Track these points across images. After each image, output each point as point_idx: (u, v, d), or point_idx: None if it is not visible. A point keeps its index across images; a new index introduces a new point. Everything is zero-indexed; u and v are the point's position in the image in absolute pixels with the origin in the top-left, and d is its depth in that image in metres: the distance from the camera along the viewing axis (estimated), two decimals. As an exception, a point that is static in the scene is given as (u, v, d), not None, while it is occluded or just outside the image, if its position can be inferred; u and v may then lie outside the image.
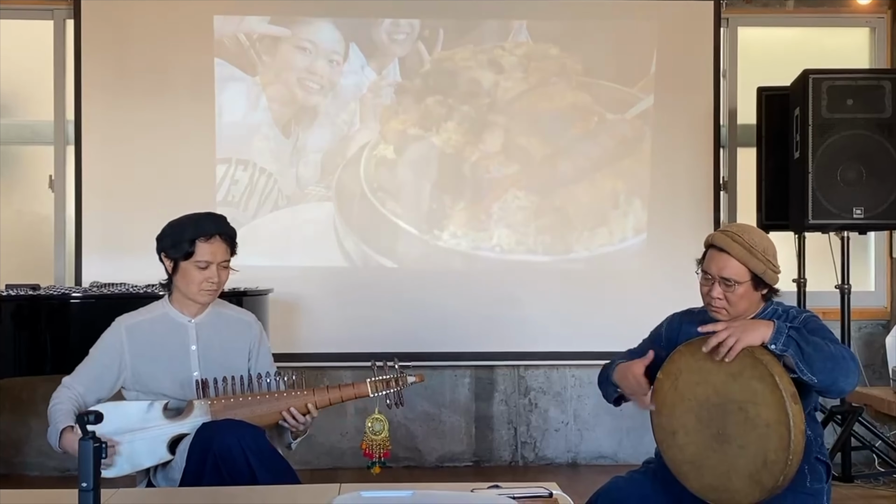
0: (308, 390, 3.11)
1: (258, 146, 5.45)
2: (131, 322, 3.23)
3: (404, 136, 5.49)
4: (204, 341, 3.23)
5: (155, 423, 3.02)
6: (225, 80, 5.44)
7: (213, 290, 3.18)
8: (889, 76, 4.90)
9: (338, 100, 5.48)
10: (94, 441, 2.17)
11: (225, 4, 5.46)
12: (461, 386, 5.57)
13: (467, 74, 5.53)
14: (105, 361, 3.17)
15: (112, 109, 5.38)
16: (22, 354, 4.08)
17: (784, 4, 5.73)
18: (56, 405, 3.07)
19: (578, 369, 5.53)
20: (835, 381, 2.58)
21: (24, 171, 5.66)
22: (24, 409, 5.28)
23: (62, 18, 5.49)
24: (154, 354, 3.18)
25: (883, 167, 4.78)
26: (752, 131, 5.42)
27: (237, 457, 2.85)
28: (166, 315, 3.25)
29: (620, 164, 5.54)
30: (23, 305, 4.09)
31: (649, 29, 5.56)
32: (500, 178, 5.50)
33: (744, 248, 2.71)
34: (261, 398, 3.07)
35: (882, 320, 5.73)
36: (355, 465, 5.35)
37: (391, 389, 3.12)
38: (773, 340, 2.57)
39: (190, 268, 3.15)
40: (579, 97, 5.54)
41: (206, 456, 2.87)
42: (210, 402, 3.03)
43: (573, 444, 5.60)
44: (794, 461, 2.51)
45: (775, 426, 2.51)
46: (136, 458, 2.98)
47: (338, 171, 5.46)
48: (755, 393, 2.55)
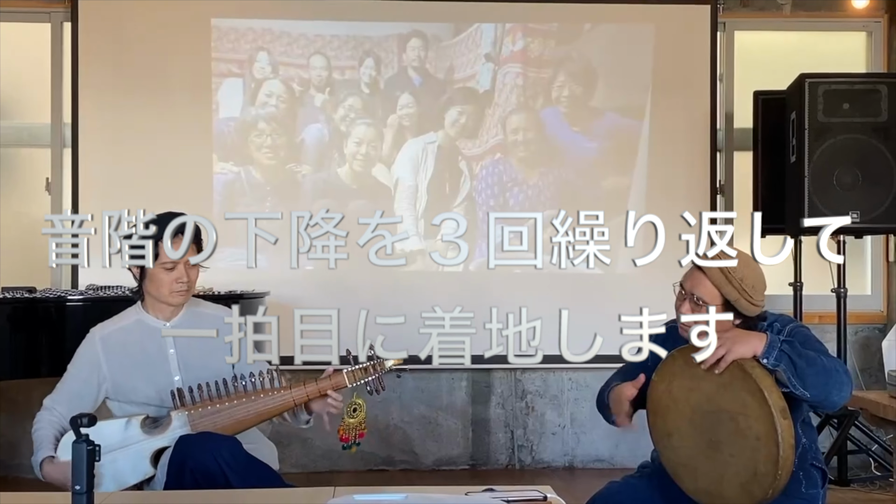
0: (286, 387, 3.08)
1: (256, 148, 5.45)
2: (105, 332, 3.19)
3: (399, 137, 5.49)
4: (182, 344, 3.18)
5: (135, 439, 2.98)
6: (222, 83, 5.45)
7: (183, 290, 3.14)
8: (885, 80, 4.91)
9: (335, 97, 5.48)
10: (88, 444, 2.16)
11: (222, 7, 5.46)
12: (458, 389, 5.57)
13: (463, 77, 5.53)
14: (83, 376, 3.14)
15: (109, 112, 5.38)
16: (18, 357, 4.07)
17: (781, 9, 5.73)
18: (37, 430, 3.05)
19: (575, 372, 5.54)
20: (827, 395, 2.56)
21: (21, 174, 5.65)
22: (20, 411, 5.27)
23: (59, 21, 5.49)
24: (132, 363, 3.14)
25: (879, 171, 4.79)
26: (749, 135, 5.43)
27: (214, 471, 2.82)
28: (140, 321, 3.20)
29: (617, 167, 5.55)
30: (19, 308, 4.09)
31: (646, 33, 5.57)
32: (496, 181, 5.51)
33: (721, 272, 2.70)
34: (238, 402, 3.02)
35: (878, 324, 5.73)
36: (352, 469, 5.35)
37: (370, 376, 3.09)
38: (765, 354, 2.56)
39: (157, 271, 3.10)
40: (576, 101, 5.55)
41: (183, 471, 2.84)
42: (188, 411, 2.99)
43: (570, 447, 5.60)
44: (784, 475, 2.52)
45: (765, 440, 2.51)
46: (121, 477, 2.95)
47: (333, 167, 5.46)
48: (745, 405, 2.55)
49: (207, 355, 3.16)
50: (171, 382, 3.12)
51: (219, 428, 2.98)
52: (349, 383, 3.07)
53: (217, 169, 5.44)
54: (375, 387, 3.09)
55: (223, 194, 5.43)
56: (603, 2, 5.57)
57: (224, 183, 5.44)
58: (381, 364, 3.07)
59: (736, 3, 5.72)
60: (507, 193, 5.52)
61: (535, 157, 5.55)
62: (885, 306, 5.77)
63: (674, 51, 5.56)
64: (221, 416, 2.99)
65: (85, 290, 4.57)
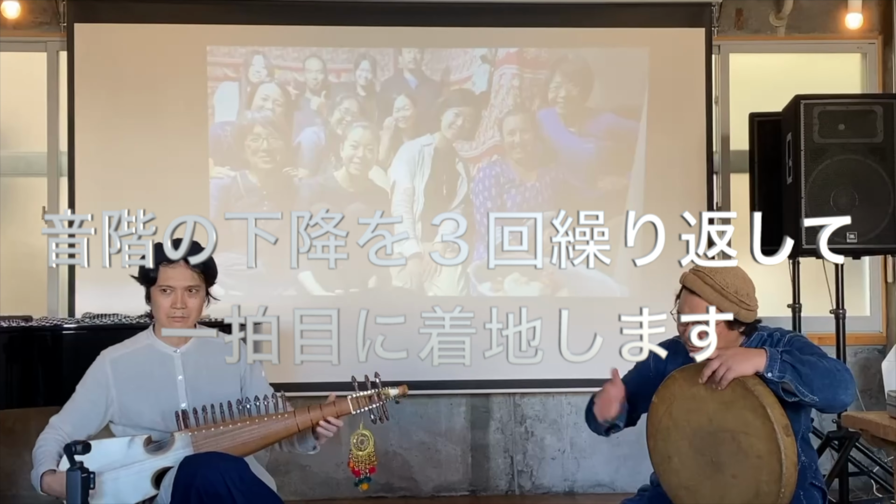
0: (290, 412, 3.09)
1: (252, 152, 5.44)
2: (116, 355, 3.20)
3: (395, 140, 5.51)
4: (191, 371, 3.20)
5: (137, 458, 2.99)
6: (217, 87, 5.45)
7: (180, 317, 3.13)
8: (880, 101, 4.92)
9: (331, 100, 5.48)
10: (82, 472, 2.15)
11: (218, 35, 5.47)
12: (457, 415, 5.55)
13: (459, 79, 5.54)
14: (91, 397, 3.14)
15: (105, 141, 5.38)
16: (14, 386, 4.05)
17: (775, 31, 5.76)
18: (40, 447, 3.04)
19: (574, 396, 5.51)
20: (835, 395, 2.57)
21: (18, 203, 5.65)
22: (17, 441, 5.24)
23: (55, 50, 5.50)
24: (140, 386, 3.15)
25: (875, 191, 4.79)
26: (745, 157, 5.43)
27: (221, 492, 2.81)
28: (151, 346, 3.22)
29: (614, 189, 5.54)
30: (15, 337, 4.07)
31: (641, 56, 5.58)
32: (493, 183, 5.51)
33: (714, 290, 2.71)
34: (242, 425, 3.03)
35: (878, 345, 5.72)
36: (350, 496, 5.32)
37: (374, 404, 3.09)
38: (768, 368, 2.56)
39: (156, 293, 3.13)
40: (571, 124, 5.55)
41: (189, 491, 2.83)
42: (191, 433, 3.00)
43: (570, 472, 5.57)
44: (787, 493, 2.50)
45: (767, 458, 2.50)
46: (122, 496, 2.95)
47: (329, 170, 5.46)
48: (747, 423, 2.55)
49: (215, 383, 3.19)
50: (178, 409, 3.12)
51: (222, 450, 2.98)
52: (353, 410, 3.09)
53: (213, 173, 5.42)
54: (379, 415, 3.10)
55: (219, 199, 5.41)
56: (597, 26, 5.58)
57: (220, 187, 5.42)
58: (385, 392, 3.08)
59: (730, 26, 5.74)
60: (505, 195, 5.52)
61: (532, 159, 5.54)
62: (884, 327, 5.76)
63: (669, 74, 5.57)
64: (225, 439, 3.00)
65: (81, 318, 4.56)
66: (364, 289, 5.38)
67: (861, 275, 5.80)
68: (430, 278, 5.45)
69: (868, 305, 5.82)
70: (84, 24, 5.38)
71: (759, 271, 5.57)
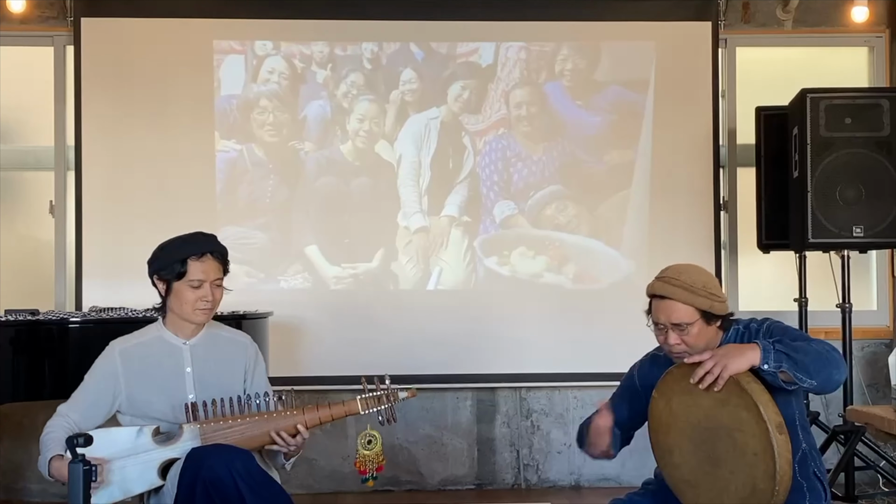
0: (298, 410, 3.10)
1: (258, 125, 5.44)
2: (125, 346, 3.22)
3: (401, 113, 5.50)
4: (199, 363, 3.21)
5: (145, 448, 3.00)
6: (223, 60, 5.46)
7: (207, 308, 3.17)
8: (887, 95, 4.91)
9: (337, 73, 5.48)
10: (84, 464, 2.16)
11: (225, 29, 5.48)
12: (463, 409, 5.55)
13: (465, 52, 5.53)
14: (100, 387, 3.16)
15: (112, 135, 5.39)
16: (21, 379, 4.06)
17: (782, 24, 5.75)
18: (49, 434, 3.06)
19: (580, 391, 5.51)
20: (830, 376, 2.59)
21: (25, 197, 5.67)
22: (24, 434, 5.26)
23: (62, 45, 5.51)
24: (149, 378, 3.17)
25: (882, 185, 4.78)
26: (752, 151, 5.42)
27: (227, 483, 2.82)
28: (160, 338, 3.23)
29: (620, 184, 5.54)
30: (22, 330, 4.08)
31: (648, 50, 5.57)
32: (500, 156, 5.51)
33: (684, 289, 2.71)
34: (251, 420, 3.05)
35: (885, 339, 5.71)
36: (357, 490, 5.33)
37: (383, 406, 3.10)
38: (764, 360, 2.56)
39: (183, 288, 3.13)
40: (577, 118, 5.55)
41: (195, 482, 2.84)
42: (200, 425, 3.01)
43: (576, 466, 5.57)
44: (781, 491, 2.51)
45: (762, 455, 2.51)
46: (128, 485, 2.97)
47: (335, 144, 5.46)
48: (742, 421, 2.55)
49: (223, 376, 3.22)
50: (186, 400, 3.14)
51: (229, 444, 2.99)
52: (362, 410, 3.10)
53: (219, 147, 5.43)
54: (388, 416, 3.11)
55: (225, 172, 5.42)
56: (603, 20, 5.58)
57: (226, 161, 5.43)
58: (394, 394, 3.09)
59: (737, 20, 5.73)
60: (511, 168, 5.51)
61: (539, 132, 5.54)
62: (891, 321, 5.75)
63: (675, 67, 5.56)
64: (233, 433, 3.02)
65: (88, 311, 4.57)
66: (370, 263, 5.40)
67: (868, 269, 5.79)
68: (437, 252, 5.46)
69: (875, 299, 5.81)
70: (91, 18, 5.39)
71: (765, 265, 5.59)
